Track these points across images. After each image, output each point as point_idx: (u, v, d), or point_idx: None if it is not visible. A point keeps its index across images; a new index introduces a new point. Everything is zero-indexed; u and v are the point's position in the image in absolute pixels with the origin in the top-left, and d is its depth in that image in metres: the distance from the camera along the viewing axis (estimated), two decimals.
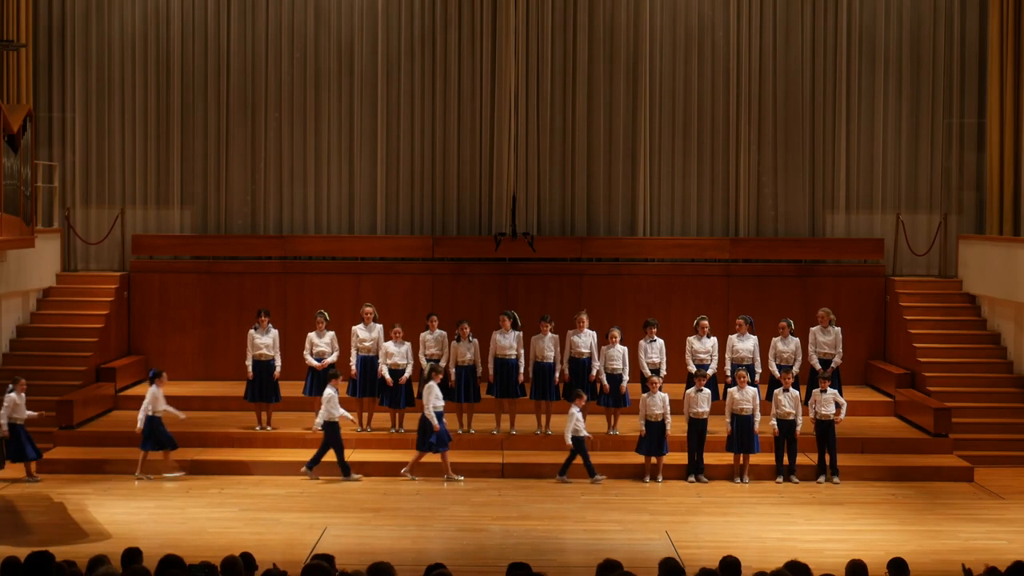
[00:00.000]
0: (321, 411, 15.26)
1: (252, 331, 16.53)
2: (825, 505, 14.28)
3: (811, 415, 15.44)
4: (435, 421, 15.06)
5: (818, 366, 16.40)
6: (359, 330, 16.49)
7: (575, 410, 15.16)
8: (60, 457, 15.72)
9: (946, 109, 19.52)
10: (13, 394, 15.17)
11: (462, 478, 15.19)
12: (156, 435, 15.27)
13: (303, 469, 15.25)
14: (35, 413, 15.29)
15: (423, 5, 19.57)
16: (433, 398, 15.13)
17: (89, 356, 17.84)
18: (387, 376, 16.16)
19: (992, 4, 18.63)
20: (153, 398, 15.32)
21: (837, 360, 16.52)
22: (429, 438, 15.09)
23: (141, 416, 15.28)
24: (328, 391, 15.31)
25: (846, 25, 19.53)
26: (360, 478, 15.20)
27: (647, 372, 15.93)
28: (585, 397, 15.48)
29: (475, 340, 16.30)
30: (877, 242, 19.43)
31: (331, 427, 15.20)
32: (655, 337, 16.30)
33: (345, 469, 15.20)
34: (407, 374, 16.26)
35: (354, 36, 19.64)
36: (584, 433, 15.12)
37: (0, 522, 13.34)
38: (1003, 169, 18.34)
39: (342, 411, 15.35)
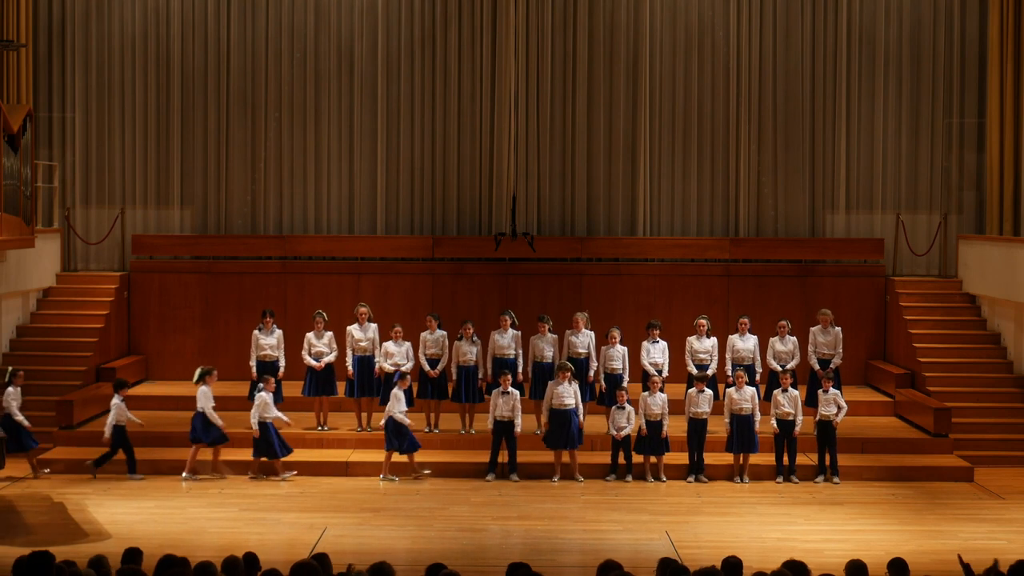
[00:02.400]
0: (495, 410, 15.39)
1: (256, 332, 16.53)
2: (825, 505, 14.29)
3: (816, 416, 15.45)
4: (544, 418, 15.40)
5: (817, 367, 16.41)
6: (354, 330, 16.48)
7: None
8: (60, 457, 15.72)
9: (946, 109, 19.52)
10: (263, 393, 15.34)
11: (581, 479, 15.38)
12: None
13: (489, 477, 15.37)
14: (284, 419, 15.52)
15: (423, 5, 19.57)
16: (553, 397, 15.28)
17: (89, 356, 17.84)
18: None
19: (992, 4, 18.63)
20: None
21: (837, 360, 16.53)
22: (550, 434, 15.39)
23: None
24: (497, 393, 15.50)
25: (846, 25, 19.53)
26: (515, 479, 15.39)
27: (651, 372, 15.96)
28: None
29: (478, 340, 16.30)
30: (877, 242, 19.43)
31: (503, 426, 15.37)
32: (658, 338, 16.32)
33: (512, 466, 15.43)
34: (407, 367, 16.28)
35: (354, 36, 19.64)
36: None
37: (0, 522, 13.34)
38: (1003, 169, 18.34)
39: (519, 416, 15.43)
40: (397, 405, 15.30)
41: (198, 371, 15.76)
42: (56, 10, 19.53)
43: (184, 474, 15.24)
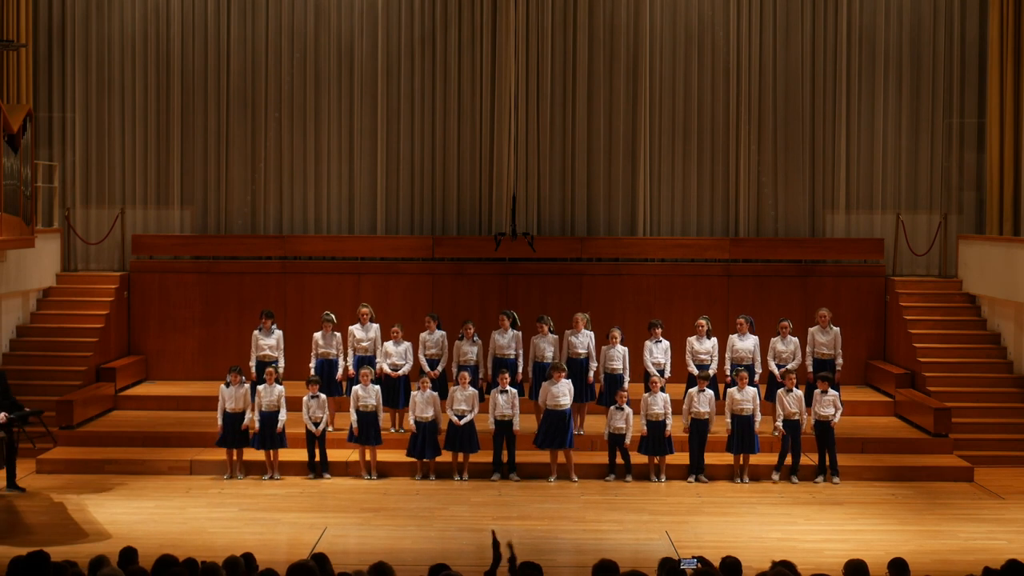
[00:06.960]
0: (495, 409, 15.44)
1: (256, 332, 16.51)
2: (825, 505, 14.29)
3: (811, 416, 15.46)
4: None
5: (811, 367, 16.41)
6: (356, 330, 16.48)
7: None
8: (60, 457, 15.71)
9: (946, 109, 19.52)
10: (416, 393, 15.45)
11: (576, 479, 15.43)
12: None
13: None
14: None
15: (423, 5, 19.58)
16: (548, 397, 15.25)
17: (89, 356, 17.84)
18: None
19: (992, 4, 18.63)
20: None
21: (839, 362, 16.49)
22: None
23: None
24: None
25: (846, 25, 19.53)
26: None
27: (653, 372, 15.96)
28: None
29: (479, 340, 16.30)
30: (877, 242, 19.43)
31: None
32: (660, 338, 16.33)
33: (512, 465, 15.49)
34: (406, 369, 16.28)
35: (354, 36, 19.64)
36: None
37: (0, 522, 13.35)
38: (1003, 169, 18.34)
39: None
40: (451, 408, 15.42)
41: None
42: (56, 10, 19.53)
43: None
